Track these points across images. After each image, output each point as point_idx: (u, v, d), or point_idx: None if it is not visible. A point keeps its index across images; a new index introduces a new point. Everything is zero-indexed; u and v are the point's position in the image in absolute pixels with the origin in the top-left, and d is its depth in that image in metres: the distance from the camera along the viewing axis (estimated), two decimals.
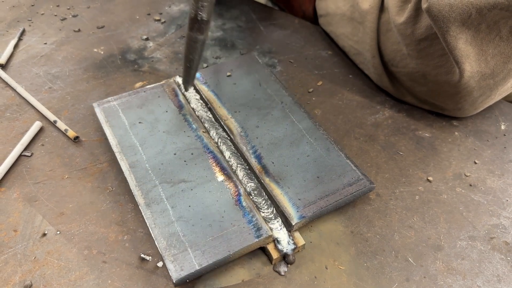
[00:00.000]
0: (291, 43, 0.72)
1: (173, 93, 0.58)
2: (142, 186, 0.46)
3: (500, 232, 0.47)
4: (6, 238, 0.44)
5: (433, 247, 0.46)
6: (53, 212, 0.47)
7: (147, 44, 0.70)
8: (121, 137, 0.51)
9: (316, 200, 0.46)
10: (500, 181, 0.52)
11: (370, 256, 0.44)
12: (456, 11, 0.45)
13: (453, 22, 0.46)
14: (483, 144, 0.57)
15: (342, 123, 0.59)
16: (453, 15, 0.46)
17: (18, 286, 0.41)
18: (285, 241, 0.43)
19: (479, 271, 0.44)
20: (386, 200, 0.50)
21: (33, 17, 0.75)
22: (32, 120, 0.56)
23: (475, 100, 0.54)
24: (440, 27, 0.47)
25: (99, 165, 0.52)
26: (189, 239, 0.42)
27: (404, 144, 0.56)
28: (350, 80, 0.65)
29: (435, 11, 0.46)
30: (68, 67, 0.65)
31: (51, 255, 0.43)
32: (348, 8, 0.64)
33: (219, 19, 0.77)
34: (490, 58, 0.49)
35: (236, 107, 0.56)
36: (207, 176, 0.48)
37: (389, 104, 0.62)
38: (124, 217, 0.47)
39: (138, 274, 0.42)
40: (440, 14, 0.46)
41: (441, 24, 0.46)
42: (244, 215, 0.44)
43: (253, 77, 0.60)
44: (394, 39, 0.57)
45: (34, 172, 0.51)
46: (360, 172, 0.49)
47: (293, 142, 0.52)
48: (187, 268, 0.40)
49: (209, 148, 0.51)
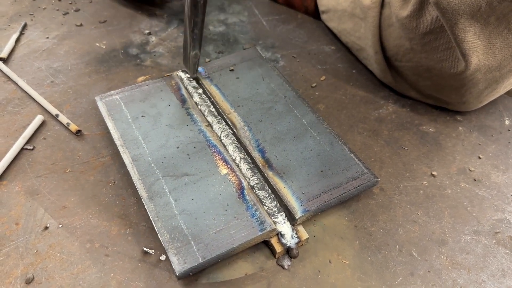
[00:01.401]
0: (294, 38, 0.72)
1: (176, 87, 0.58)
2: (145, 179, 0.46)
3: (505, 226, 0.47)
4: (8, 231, 0.44)
5: (438, 241, 0.45)
6: (55, 205, 0.47)
7: (149, 39, 0.70)
8: (123, 130, 0.51)
9: (319, 194, 0.45)
10: (505, 176, 0.52)
11: (374, 251, 0.44)
12: (466, 4, 0.45)
13: (462, 14, 0.46)
14: (488, 139, 0.56)
15: (345, 118, 0.58)
16: (462, 7, 0.45)
17: (20, 279, 0.41)
18: (289, 235, 0.43)
19: (484, 266, 0.43)
20: (390, 194, 0.49)
21: (35, 12, 0.74)
22: (34, 113, 0.56)
23: (480, 93, 0.54)
24: (448, 20, 0.47)
25: (102, 159, 0.51)
26: (192, 232, 0.42)
27: (408, 139, 0.56)
28: (353, 75, 0.65)
29: (444, 3, 0.46)
30: (70, 61, 0.65)
31: (53, 248, 0.43)
32: (349, 4, 0.64)
33: (222, 14, 0.76)
34: (498, 51, 0.49)
35: (239, 101, 0.56)
36: (210, 170, 0.47)
37: (392, 99, 0.61)
38: (127, 211, 0.46)
39: (141, 268, 0.42)
40: (449, 7, 0.46)
41: (450, 16, 0.46)
42: (247, 209, 0.44)
43: (256, 72, 0.60)
44: (397, 34, 0.56)
45: (36, 166, 0.50)
46: (364, 166, 0.48)
47: (296, 136, 0.51)
48: (190, 261, 0.39)
49: (212, 142, 0.51)
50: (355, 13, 0.63)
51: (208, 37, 0.71)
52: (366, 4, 0.60)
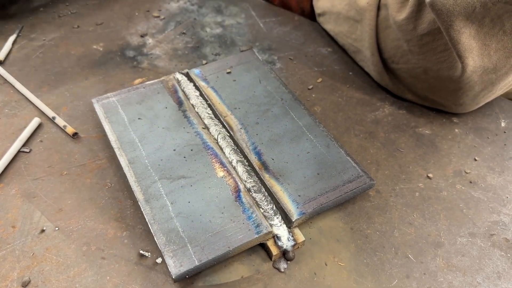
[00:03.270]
0: (291, 40, 0.72)
1: (173, 89, 0.58)
2: (141, 182, 0.46)
3: (500, 229, 0.47)
4: (5, 234, 0.44)
5: (433, 243, 0.45)
6: (52, 208, 0.47)
7: (146, 41, 0.70)
8: (120, 133, 0.51)
9: (316, 197, 0.46)
10: (500, 178, 0.52)
11: (370, 253, 0.44)
12: (461, 5, 0.45)
13: (457, 16, 0.46)
14: (483, 141, 0.56)
15: (342, 120, 0.58)
16: (457, 9, 0.45)
17: (17, 282, 0.41)
18: (285, 237, 0.43)
19: (479, 268, 0.44)
20: (386, 197, 0.50)
21: (32, 14, 0.74)
22: (31, 116, 0.56)
23: (476, 94, 0.54)
24: (443, 21, 0.47)
25: (98, 161, 0.51)
26: (188, 235, 0.42)
27: (404, 141, 0.56)
28: (350, 77, 0.65)
29: (439, 5, 0.46)
30: (67, 63, 0.65)
31: (49, 251, 0.43)
32: (343, 6, 0.64)
33: (219, 16, 0.76)
34: (493, 53, 0.49)
35: (235, 103, 0.56)
36: (207, 172, 0.48)
37: (389, 102, 0.61)
38: (123, 213, 0.46)
39: (137, 270, 0.42)
40: (444, 8, 0.46)
41: (445, 18, 0.46)
42: (243, 211, 0.44)
43: (252, 74, 0.60)
44: (394, 35, 0.57)
45: (33, 168, 0.50)
46: (360, 169, 0.48)
47: (293, 139, 0.51)
48: (186, 264, 0.39)
49: (209, 144, 0.51)
50: (350, 15, 0.63)
51: (205, 39, 0.71)
52: (363, 6, 0.60)
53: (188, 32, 0.72)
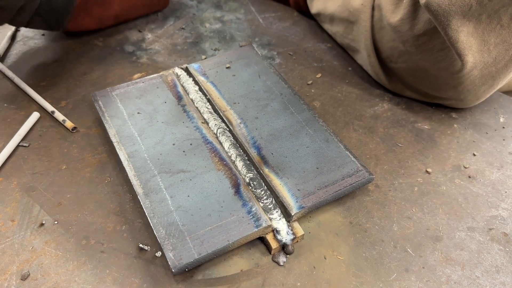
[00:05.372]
0: (291, 35, 0.72)
1: (172, 84, 0.58)
2: (140, 176, 0.46)
3: (499, 223, 0.47)
4: (4, 228, 0.44)
5: (432, 238, 0.46)
6: (51, 202, 0.47)
7: (145, 36, 0.70)
8: (119, 127, 0.51)
9: (315, 191, 0.46)
10: (499, 173, 0.52)
11: (369, 247, 0.44)
12: (456, 4, 0.45)
13: (454, 15, 0.46)
14: (482, 136, 0.57)
15: (341, 115, 0.58)
16: (453, 8, 0.45)
17: (16, 276, 0.41)
18: (284, 231, 0.43)
19: (478, 262, 0.44)
20: (385, 191, 0.50)
21: None
22: (30, 110, 0.56)
23: (477, 89, 0.54)
24: (440, 22, 0.47)
25: (97, 156, 0.51)
26: (188, 229, 0.42)
27: (403, 136, 0.56)
28: (349, 72, 0.65)
29: (435, 5, 0.46)
30: (65, 58, 0.65)
31: (48, 245, 0.43)
32: (336, 8, 0.63)
33: (218, 11, 0.76)
34: (493, 47, 0.49)
35: (235, 98, 0.56)
36: (206, 167, 0.48)
37: (388, 97, 0.62)
38: (123, 207, 0.46)
39: (137, 264, 0.42)
40: (440, 9, 0.45)
41: (441, 18, 0.46)
42: (243, 205, 0.44)
43: (252, 69, 0.60)
44: (389, 36, 0.56)
45: (32, 162, 0.50)
46: (359, 163, 0.48)
47: (292, 134, 0.51)
48: (186, 257, 0.39)
49: (208, 139, 0.51)
50: (343, 16, 0.62)
51: (204, 34, 0.71)
52: (357, 7, 0.59)
53: (187, 27, 0.72)
